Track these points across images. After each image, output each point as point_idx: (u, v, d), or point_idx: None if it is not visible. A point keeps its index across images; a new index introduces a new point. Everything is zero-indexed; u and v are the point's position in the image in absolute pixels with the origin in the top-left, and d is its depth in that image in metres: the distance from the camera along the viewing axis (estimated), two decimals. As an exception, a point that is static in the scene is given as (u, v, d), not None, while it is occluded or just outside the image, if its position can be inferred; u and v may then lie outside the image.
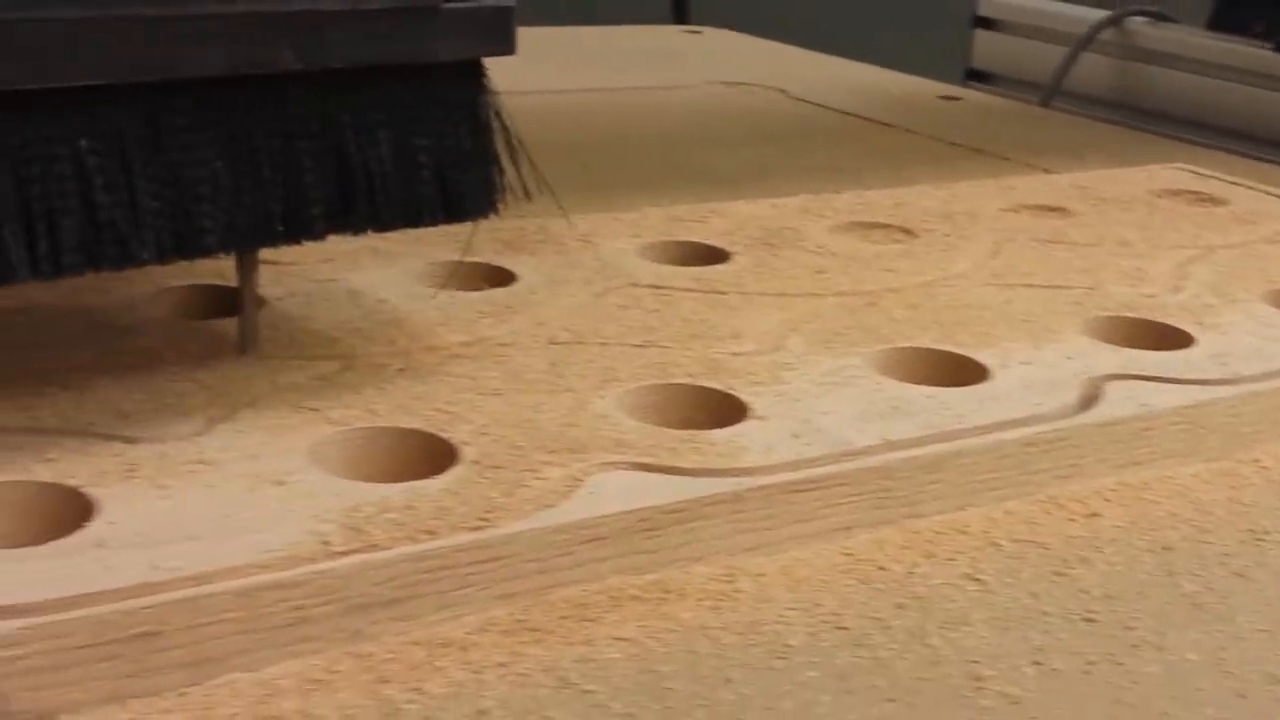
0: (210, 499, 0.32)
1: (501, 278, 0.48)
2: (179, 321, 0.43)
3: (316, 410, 0.37)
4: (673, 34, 1.13)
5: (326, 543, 0.30)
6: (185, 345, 0.40)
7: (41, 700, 0.27)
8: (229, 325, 0.42)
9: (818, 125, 0.81)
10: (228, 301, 0.43)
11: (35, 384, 0.37)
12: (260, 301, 0.44)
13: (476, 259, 0.49)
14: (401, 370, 0.40)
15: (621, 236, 0.53)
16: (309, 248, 0.48)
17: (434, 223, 0.38)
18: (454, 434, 0.36)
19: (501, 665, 0.30)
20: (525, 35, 0.38)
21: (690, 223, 0.56)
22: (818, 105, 0.86)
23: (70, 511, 0.31)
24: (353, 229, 0.36)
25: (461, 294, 0.46)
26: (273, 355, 0.40)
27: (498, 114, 0.38)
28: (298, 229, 0.35)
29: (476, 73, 0.37)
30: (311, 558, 0.30)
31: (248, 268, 0.39)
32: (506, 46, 0.37)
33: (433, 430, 0.36)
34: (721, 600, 0.33)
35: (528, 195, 0.39)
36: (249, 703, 0.28)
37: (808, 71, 0.97)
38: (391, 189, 0.36)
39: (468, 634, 0.31)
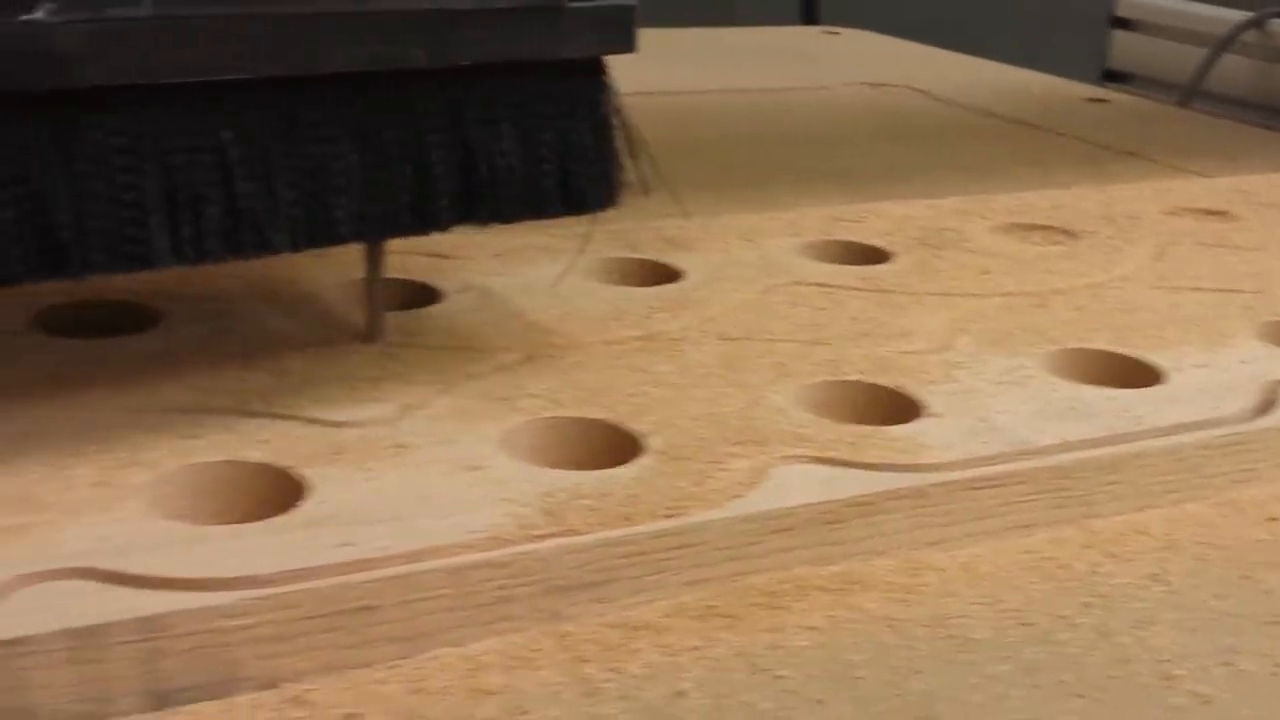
0: (411, 481, 0.33)
1: (668, 274, 0.49)
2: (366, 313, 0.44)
3: (504, 399, 0.38)
4: (811, 35, 1.14)
5: (527, 526, 0.31)
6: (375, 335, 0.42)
7: (268, 668, 0.29)
8: (414, 317, 0.43)
9: (963, 126, 0.81)
10: (415, 295, 0.45)
11: (240, 369, 0.39)
12: (435, 295, 0.46)
13: (643, 256, 0.50)
14: (579, 363, 0.41)
15: (781, 235, 0.54)
16: (480, 244, 0.50)
17: (554, 215, 0.38)
18: (637, 425, 0.37)
19: (695, 649, 0.31)
20: (664, 36, 0.39)
21: (848, 222, 0.56)
22: (962, 106, 0.86)
23: (280, 491, 0.33)
24: (476, 221, 0.37)
25: (632, 289, 0.47)
26: (456, 346, 0.42)
27: (618, 111, 0.39)
28: (425, 220, 0.36)
29: (598, 70, 0.38)
30: (513, 540, 0.31)
31: (375, 258, 0.40)
32: (627, 44, 0.38)
33: (616, 421, 0.37)
34: (906, 593, 0.33)
35: (646, 191, 0.40)
36: (458, 676, 0.29)
37: (948, 72, 0.97)
38: (515, 182, 0.37)
39: (661, 618, 0.32)
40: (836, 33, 1.12)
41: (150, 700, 0.28)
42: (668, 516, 0.33)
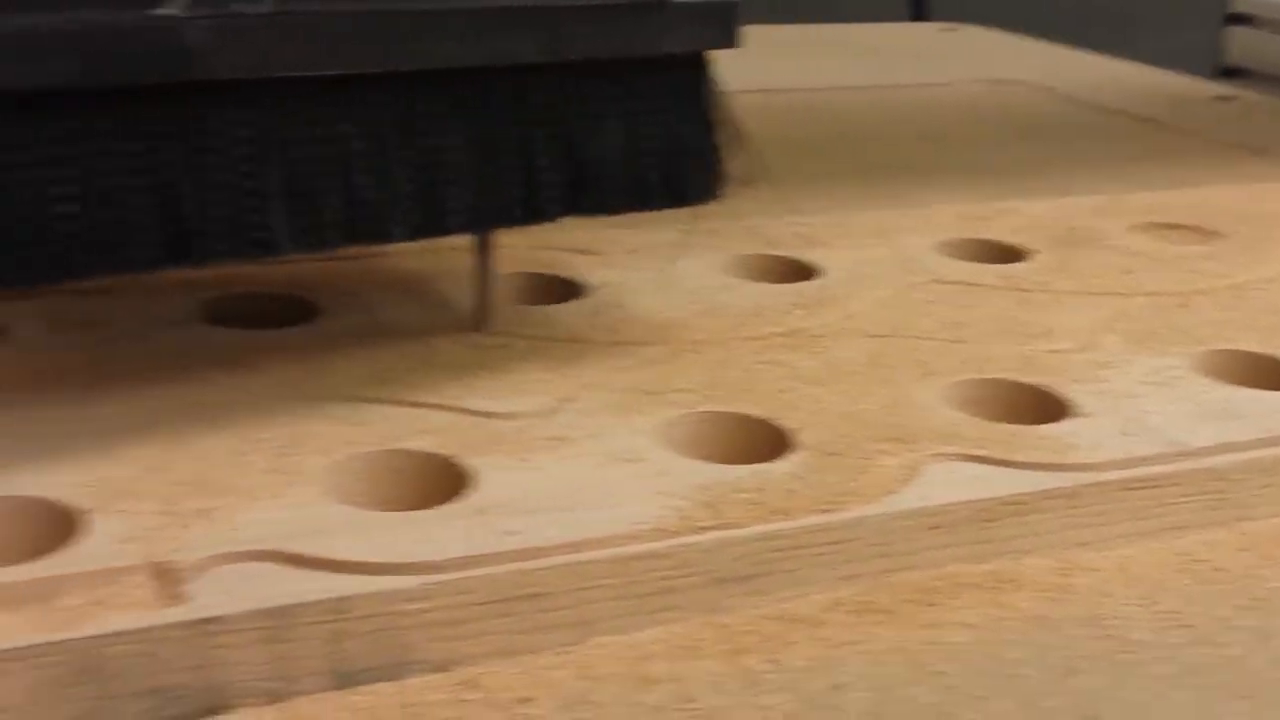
0: (571, 473, 0.34)
1: (806, 271, 0.50)
2: (512, 307, 0.45)
3: (654, 394, 0.39)
4: (928, 31, 1.13)
5: (688, 518, 0.32)
6: (522, 329, 0.43)
7: (442, 651, 0.29)
8: (559, 311, 0.44)
9: (1090, 123, 0.80)
10: (558, 289, 0.46)
11: (395, 360, 0.40)
12: (577, 290, 0.46)
13: (780, 253, 0.51)
14: (724, 359, 0.42)
15: (916, 232, 0.54)
16: (617, 240, 0.51)
17: (658, 207, 0.39)
18: (787, 420, 0.37)
19: (852, 643, 0.31)
20: (778, 33, 0.39)
21: (982, 220, 0.56)
22: (1087, 103, 0.85)
23: (446, 479, 0.34)
24: (582, 212, 0.38)
25: (771, 286, 0.48)
26: (601, 340, 0.42)
27: (721, 104, 0.39)
28: (533, 212, 0.37)
29: (701, 65, 0.39)
30: (676, 531, 0.32)
31: (485, 249, 0.41)
32: (730, 40, 0.38)
33: (766, 416, 0.38)
34: (1060, 593, 0.33)
35: (749, 183, 0.40)
36: (625, 664, 0.30)
37: (1069, 69, 0.96)
38: (619, 175, 0.38)
39: (817, 611, 0.32)
40: (954, 29, 1.11)
41: (332, 680, 0.29)
42: (824, 512, 0.33)
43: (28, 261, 0.30)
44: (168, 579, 0.29)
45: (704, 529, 0.32)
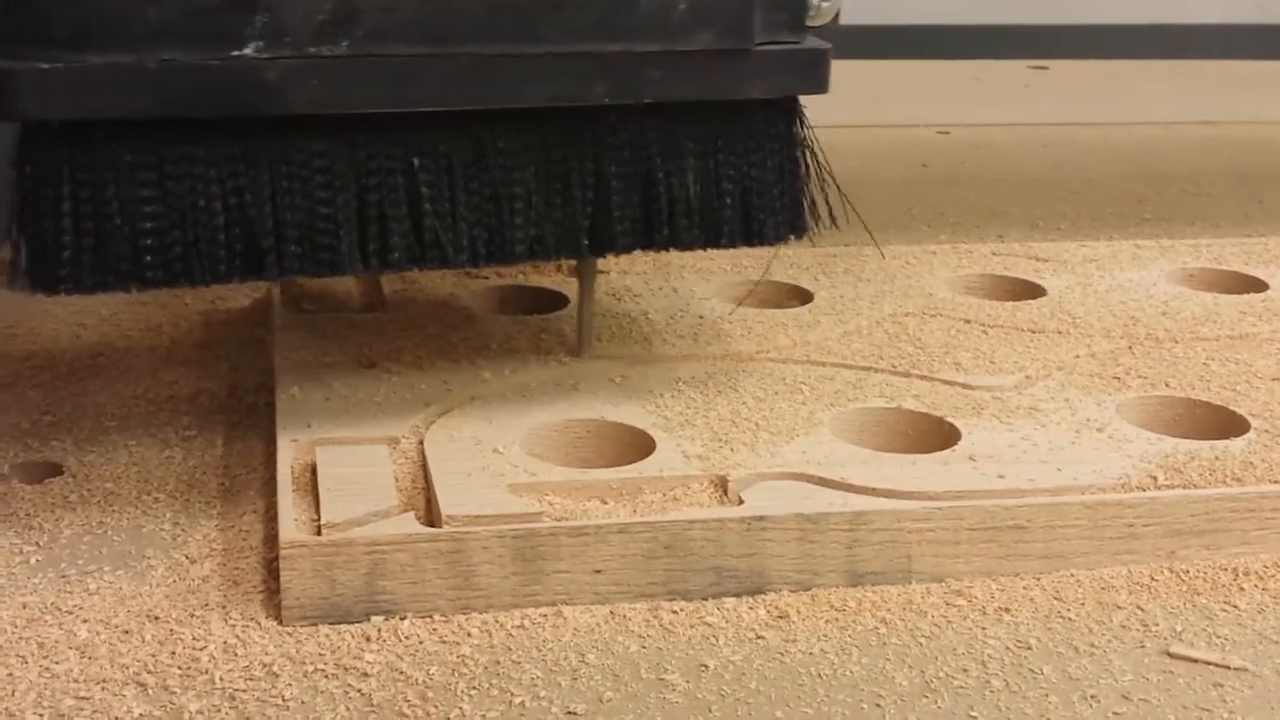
0: (1046, 435, 0.40)
1: (1256, 284, 0.53)
2: (978, 301, 0.51)
3: (1115, 377, 0.44)
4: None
5: (1154, 477, 0.37)
6: (992, 320, 0.48)
7: (936, 565, 0.36)
8: (1021, 308, 0.50)
9: None
10: (1025, 289, 0.51)
11: (883, 341, 0.46)
12: (1040, 290, 0.52)
13: (1229, 268, 0.54)
14: (1181, 353, 0.46)
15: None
16: (1073, 250, 0.56)
17: (733, 245, 0.39)
18: (1238, 407, 0.42)
19: (1300, 596, 0.35)
20: None
21: None
22: None
23: (935, 433, 0.40)
24: (654, 247, 0.39)
25: (1222, 296, 0.52)
26: (1065, 331, 0.48)
27: (808, 147, 0.40)
28: (602, 244, 0.39)
29: (789, 109, 0.39)
30: (1141, 487, 0.37)
31: (587, 278, 0.43)
32: (819, 86, 0.38)
33: (1221, 403, 0.42)
34: None
35: (835, 224, 0.41)
36: (1089, 592, 0.35)
37: None
38: (693, 213, 0.39)
39: (1265, 567, 0.37)
40: None
41: (846, 578, 0.36)
42: (1276, 482, 0.37)
43: (106, 267, 0.34)
44: (723, 487, 0.37)
45: (1166, 486, 0.37)
